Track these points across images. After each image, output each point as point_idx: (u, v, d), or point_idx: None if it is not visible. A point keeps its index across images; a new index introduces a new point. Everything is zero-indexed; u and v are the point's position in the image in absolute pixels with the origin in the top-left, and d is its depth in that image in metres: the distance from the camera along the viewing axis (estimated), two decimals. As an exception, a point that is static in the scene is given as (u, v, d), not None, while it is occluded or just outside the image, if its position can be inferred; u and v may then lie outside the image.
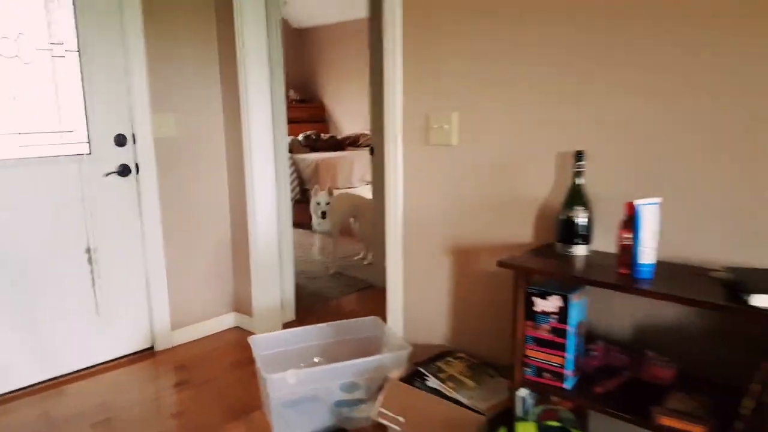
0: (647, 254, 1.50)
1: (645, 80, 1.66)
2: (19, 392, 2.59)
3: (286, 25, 6.60)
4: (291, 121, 8.20)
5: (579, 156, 1.75)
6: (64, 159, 2.65)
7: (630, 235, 1.53)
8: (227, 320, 3.34)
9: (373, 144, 3.71)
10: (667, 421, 1.43)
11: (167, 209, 3.00)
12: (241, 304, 3.32)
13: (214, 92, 3.13)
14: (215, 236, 3.24)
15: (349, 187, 5.86)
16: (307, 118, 7.22)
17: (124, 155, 2.83)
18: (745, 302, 1.28)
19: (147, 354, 2.99)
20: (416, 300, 2.42)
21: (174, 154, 3.00)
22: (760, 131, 1.48)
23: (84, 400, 2.51)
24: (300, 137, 6.67)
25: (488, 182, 2.09)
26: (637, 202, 1.50)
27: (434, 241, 2.30)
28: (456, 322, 2.29)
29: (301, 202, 5.83)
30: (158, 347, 3.04)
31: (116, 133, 2.79)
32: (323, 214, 4.24)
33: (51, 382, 2.68)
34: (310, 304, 3.67)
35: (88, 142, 2.72)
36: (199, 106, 3.07)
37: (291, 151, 6.28)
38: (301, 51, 7.15)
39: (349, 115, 7.58)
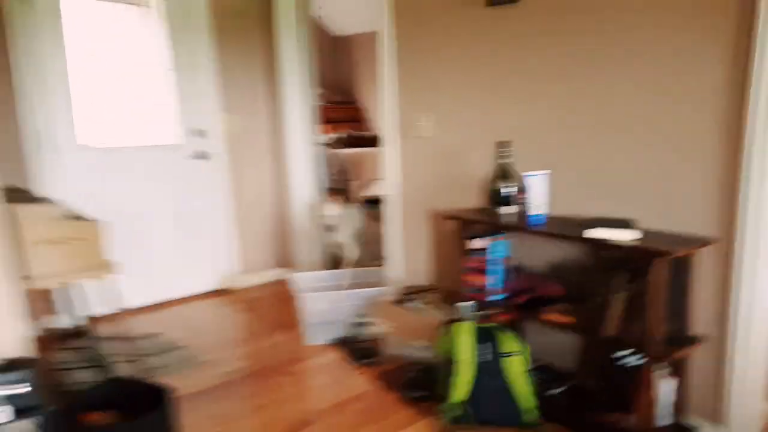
0: (535, 209, 2.37)
1: (546, 93, 2.52)
2: (134, 309, 3.66)
3: (325, 34, 7.57)
4: (331, 121, 9.27)
5: (503, 144, 2.59)
6: (163, 146, 3.70)
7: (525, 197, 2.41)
8: (276, 273, 4.35)
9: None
10: (547, 317, 2.29)
11: (233, 185, 4.03)
12: (287, 261, 4.33)
13: (262, 98, 4.12)
14: (268, 208, 4.25)
15: (375, 179, 6.75)
16: (346, 117, 8.13)
17: (202, 144, 3.86)
18: (581, 235, 2.14)
19: (219, 292, 4.03)
20: (409, 252, 3.34)
21: (238, 144, 4.02)
22: (606, 131, 2.32)
23: (177, 317, 3.56)
24: (335, 135, 7.62)
25: (450, 164, 2.99)
26: (525, 174, 2.37)
27: (418, 208, 3.22)
28: (432, 265, 3.20)
29: (336, 190, 6.87)
30: (228, 288, 4.08)
31: (197, 128, 3.83)
32: (330, 229, 3.78)
33: (155, 304, 3.77)
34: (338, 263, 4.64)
35: (178, 135, 3.77)
36: (252, 108, 4.08)
37: (330, 147, 7.28)
38: (340, 56, 8.09)
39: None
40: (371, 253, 4.05)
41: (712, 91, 1.99)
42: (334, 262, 4.29)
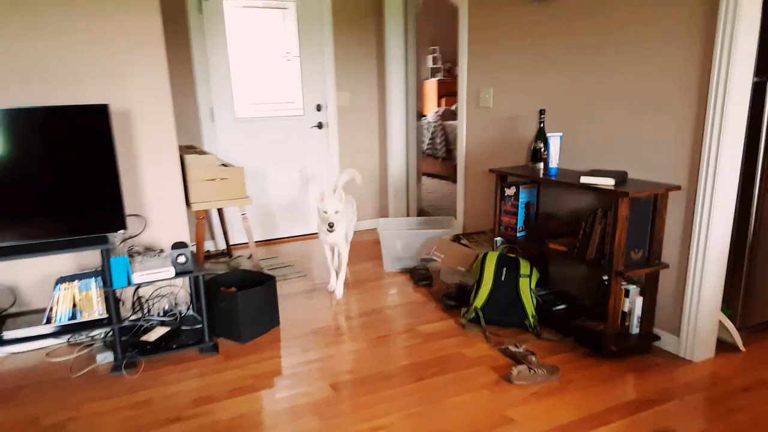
0: (553, 162, 3.01)
1: (565, 72, 3.11)
2: (259, 241, 4.83)
3: (446, 2, 8.11)
4: (445, 95, 9.98)
5: (542, 112, 3.23)
6: (289, 117, 4.79)
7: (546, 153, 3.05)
8: (374, 221, 5.29)
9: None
10: (551, 246, 2.95)
11: (343, 148, 5.02)
12: (383, 211, 5.25)
13: (371, 79, 5.03)
14: (371, 169, 5.19)
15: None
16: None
17: (320, 116, 4.89)
18: (579, 181, 2.75)
19: (328, 235, 5.08)
20: (470, 202, 4.07)
21: (347, 117, 4.99)
22: (605, 102, 2.88)
23: (292, 249, 4.66)
24: (442, 109, 8.35)
25: (505, 129, 3.66)
26: (548, 135, 3.00)
27: (479, 167, 3.93)
28: (484, 212, 3.90)
29: (439, 157, 7.77)
30: (334, 232, 5.12)
31: (316, 103, 4.86)
32: (331, 226, 3.23)
33: (269, 241, 4.91)
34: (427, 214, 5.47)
35: (302, 108, 4.82)
36: (363, 87, 5.00)
37: (440, 118, 8.05)
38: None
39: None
40: (446, 205, 4.82)
41: (684, 69, 2.52)
42: (418, 212, 5.13)
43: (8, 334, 2.49)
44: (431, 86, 10.18)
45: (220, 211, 4.29)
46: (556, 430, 2.10)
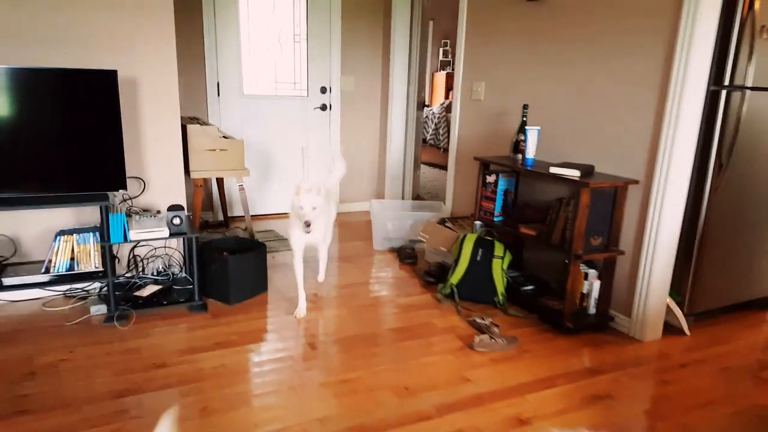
0: (530, 153, 3.19)
1: (549, 72, 3.29)
2: (257, 215, 5.04)
3: None
4: (452, 88, 10.03)
5: (525, 107, 3.41)
6: (294, 97, 4.98)
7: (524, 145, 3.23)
8: (368, 205, 5.48)
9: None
10: (522, 230, 3.14)
11: (344, 131, 5.21)
12: (380, 195, 5.45)
13: (376, 66, 5.21)
14: (369, 152, 5.38)
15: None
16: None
17: (324, 98, 5.07)
18: (549, 171, 2.94)
19: (323, 213, 5.28)
20: (458, 189, 4.26)
21: (350, 101, 5.17)
22: (580, 100, 3.05)
23: (283, 226, 4.87)
24: (448, 101, 8.53)
25: (493, 121, 3.83)
26: (527, 128, 3.18)
27: (469, 156, 4.11)
28: (469, 199, 4.08)
29: (441, 147, 7.93)
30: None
31: (321, 86, 5.04)
32: (308, 225, 2.76)
33: (266, 215, 5.12)
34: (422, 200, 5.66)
35: (307, 90, 5.01)
36: (367, 73, 5.19)
37: (448, 110, 8.21)
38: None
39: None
40: (443, 193, 5.00)
41: (648, 75, 2.70)
42: (415, 198, 5.32)
43: (8, 281, 2.70)
44: (440, 79, 10.34)
45: (220, 183, 4.49)
46: (505, 390, 2.30)
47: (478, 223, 3.55)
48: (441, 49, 10.49)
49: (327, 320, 2.95)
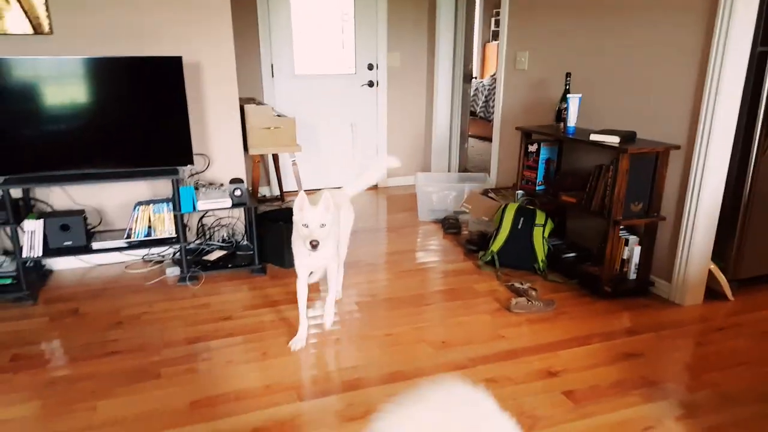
0: (571, 121, 3.27)
1: (594, 42, 3.33)
2: (309, 190, 5.31)
3: None
4: None
5: (568, 75, 3.46)
6: (343, 76, 5.18)
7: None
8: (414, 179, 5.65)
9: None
10: (563, 198, 3.24)
11: (391, 106, 5.37)
12: (426, 168, 5.61)
13: (422, 41, 5.32)
14: (415, 127, 5.53)
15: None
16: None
17: (371, 75, 5.25)
18: (588, 139, 3.02)
19: (373, 188, 5.49)
20: (503, 160, 4.37)
21: (397, 77, 5.32)
22: (621, 70, 3.10)
23: (340, 196, 5.11)
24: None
25: (537, 91, 3.91)
26: (568, 96, 3.26)
27: (512, 126, 4.20)
28: (513, 169, 4.19)
29: (492, 120, 7.93)
30: (379, 185, 5.53)
31: (368, 63, 5.21)
32: (314, 246, 2.26)
33: (318, 189, 5.35)
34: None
35: (355, 67, 5.20)
36: (413, 49, 5.31)
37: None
38: None
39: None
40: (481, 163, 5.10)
41: (689, 37, 2.74)
42: (461, 171, 5.46)
43: (96, 245, 3.06)
44: (492, 50, 10.26)
45: (275, 160, 4.77)
46: (538, 346, 2.46)
47: (519, 192, 3.67)
48: (493, 19, 10.39)
49: (373, 284, 3.17)
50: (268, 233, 3.37)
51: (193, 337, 2.54)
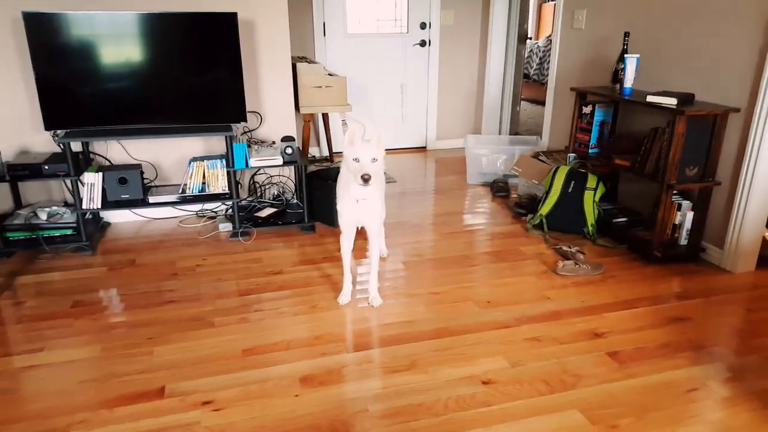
0: (628, 82, 3.15)
1: (646, 8, 3.18)
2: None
3: None
4: None
5: (626, 34, 3.33)
6: (395, 35, 5.13)
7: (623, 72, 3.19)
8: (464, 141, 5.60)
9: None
10: (616, 161, 3.16)
11: (442, 67, 5.30)
12: (476, 131, 5.54)
13: (476, 2, 5.19)
14: (467, 88, 5.45)
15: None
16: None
17: (423, 34, 5.17)
18: (644, 100, 2.92)
19: (421, 149, 5.48)
20: (556, 122, 4.26)
21: (449, 37, 5.23)
22: (679, 27, 2.95)
23: (390, 161, 5.13)
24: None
25: (594, 51, 3.77)
26: (626, 56, 3.14)
27: (567, 88, 4.08)
28: (568, 133, 4.09)
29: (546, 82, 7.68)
30: (428, 147, 5.51)
31: (420, 21, 5.13)
32: (366, 181, 2.17)
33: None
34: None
35: (407, 26, 5.13)
36: (467, 6, 5.18)
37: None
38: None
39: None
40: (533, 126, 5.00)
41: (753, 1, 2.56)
42: (514, 134, 5.36)
43: (153, 199, 3.19)
44: (548, 10, 9.89)
45: (325, 119, 4.81)
46: (584, 308, 2.46)
47: (571, 155, 3.59)
48: (550, -21, 9.98)
49: (421, 244, 3.21)
50: (317, 192, 3.44)
51: (245, 289, 2.66)
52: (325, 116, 4.78)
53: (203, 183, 3.20)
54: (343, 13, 4.92)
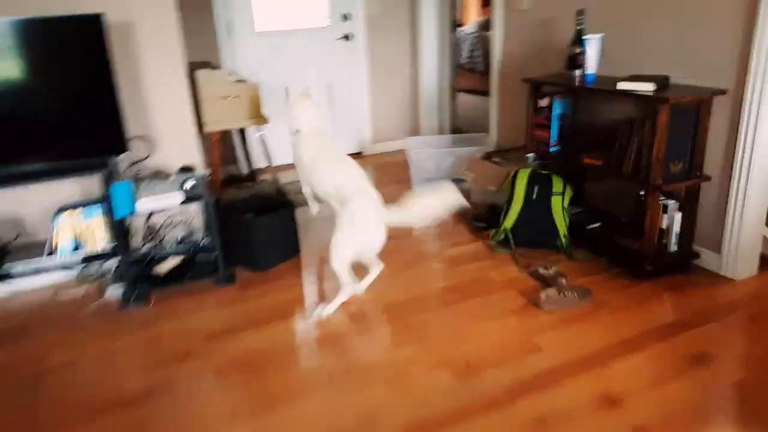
0: (590, 68, 2.68)
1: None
2: (284, 165, 4.70)
3: None
4: (489, 3, 9.14)
5: (580, 12, 2.84)
6: (313, 30, 4.48)
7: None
8: (403, 143, 5.04)
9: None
10: (586, 160, 2.68)
11: (372, 62, 4.71)
12: (415, 131, 4.99)
13: (400, -16, 4.64)
14: (400, 84, 4.88)
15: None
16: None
17: (346, 27, 4.56)
18: (615, 88, 2.44)
19: (357, 156, 4.87)
20: (504, 117, 3.77)
21: (377, 28, 4.64)
22: (649, 12, 2.50)
23: (319, 170, 4.49)
24: (484, 18, 7.79)
25: (544, 34, 3.29)
26: (585, 37, 2.65)
27: (514, 78, 3.59)
28: (518, 127, 3.60)
29: (478, 71, 7.30)
30: (365, 153, 4.91)
31: (342, 13, 4.51)
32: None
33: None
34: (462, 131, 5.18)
35: (329, 18, 4.49)
36: (390, -7, 4.62)
37: (483, 29, 7.53)
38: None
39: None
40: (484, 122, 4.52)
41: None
42: (453, 130, 4.86)
43: (13, 269, 2.42)
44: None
45: (242, 131, 4.12)
46: (584, 358, 1.94)
47: (530, 155, 3.10)
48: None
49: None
50: (235, 229, 2.78)
51: (142, 386, 1.96)
52: (241, 129, 4.10)
53: (76, 239, 2.47)
54: (249, 7, 4.22)
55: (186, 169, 2.63)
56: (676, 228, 2.47)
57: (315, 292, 2.55)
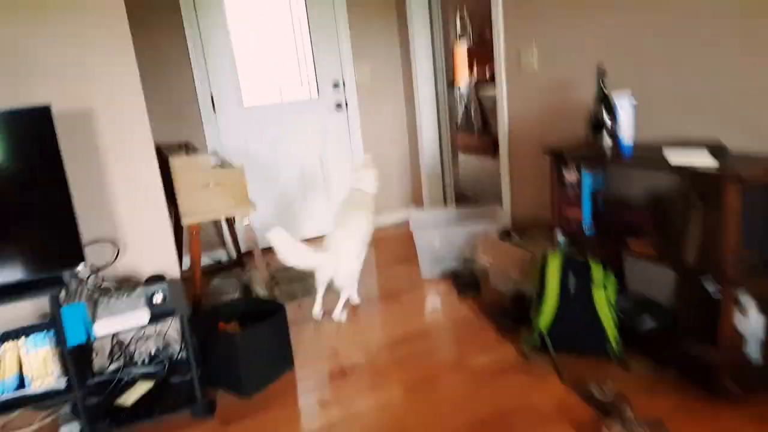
0: (626, 137, 2.28)
1: (631, 18, 2.36)
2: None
3: None
4: (479, 62, 8.97)
5: (601, 72, 2.46)
6: (303, 102, 4.14)
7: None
8: (405, 213, 4.63)
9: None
10: (634, 248, 2.24)
11: (366, 131, 4.35)
12: (416, 200, 4.58)
13: (394, 51, 4.33)
14: (399, 151, 4.52)
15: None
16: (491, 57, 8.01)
17: (337, 95, 4.22)
18: (665, 161, 2.04)
19: (354, 231, 4.45)
20: (518, 187, 3.37)
21: (369, 93, 4.31)
22: (690, 46, 2.13)
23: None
24: (475, 78, 7.58)
25: (557, 95, 2.92)
26: (616, 102, 2.27)
27: (526, 143, 3.21)
28: (536, 200, 3.19)
29: (475, 131, 7.03)
30: (362, 228, 4.48)
31: (333, 81, 4.19)
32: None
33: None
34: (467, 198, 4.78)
35: (317, 89, 4.17)
36: (384, 55, 4.30)
37: (477, 88, 7.28)
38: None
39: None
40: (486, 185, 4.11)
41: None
42: (457, 195, 4.45)
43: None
44: (460, 53, 9.32)
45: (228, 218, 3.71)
46: None
47: (560, 237, 2.67)
48: (458, 20, 9.46)
49: (377, 412, 2.12)
50: (215, 343, 2.31)
51: None
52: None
53: (20, 374, 2.00)
54: (235, 82, 3.89)
55: (155, 279, 2.18)
56: (758, 333, 2.00)
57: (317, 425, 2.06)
